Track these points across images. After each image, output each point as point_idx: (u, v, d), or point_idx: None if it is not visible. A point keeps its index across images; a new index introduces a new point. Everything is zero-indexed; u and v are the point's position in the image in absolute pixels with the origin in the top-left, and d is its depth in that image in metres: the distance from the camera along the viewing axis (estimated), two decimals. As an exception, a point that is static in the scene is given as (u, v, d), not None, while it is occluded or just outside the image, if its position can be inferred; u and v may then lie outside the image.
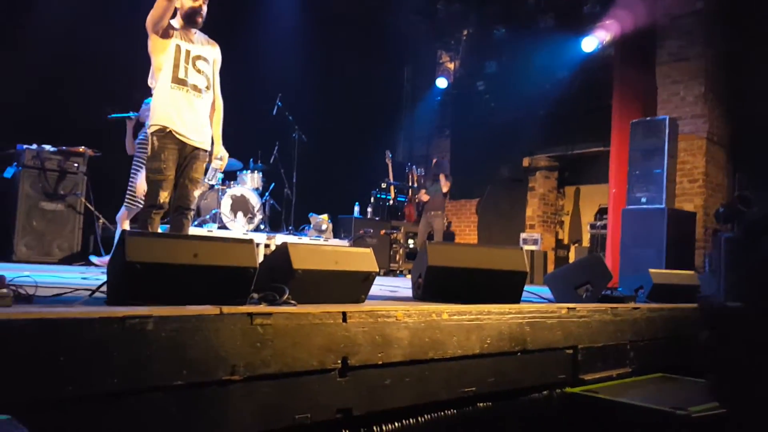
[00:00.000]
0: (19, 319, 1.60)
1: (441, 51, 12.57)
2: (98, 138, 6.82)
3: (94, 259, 6.04)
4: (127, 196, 5.81)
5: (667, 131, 7.07)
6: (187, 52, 3.96)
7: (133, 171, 5.85)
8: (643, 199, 7.15)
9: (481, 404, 2.99)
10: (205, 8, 4.00)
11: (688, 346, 4.45)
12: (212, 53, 4.18)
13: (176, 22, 3.97)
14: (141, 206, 5.12)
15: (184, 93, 3.95)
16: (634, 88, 8.83)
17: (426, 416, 2.74)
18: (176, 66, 3.91)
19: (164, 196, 3.80)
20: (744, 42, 8.17)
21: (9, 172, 6.55)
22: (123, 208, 5.83)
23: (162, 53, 3.88)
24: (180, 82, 3.93)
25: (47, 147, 6.55)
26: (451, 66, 12.32)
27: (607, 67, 9.41)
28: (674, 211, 7.07)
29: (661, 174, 7.03)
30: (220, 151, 4.34)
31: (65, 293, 2.37)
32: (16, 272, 3.09)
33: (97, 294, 2.34)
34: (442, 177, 9.15)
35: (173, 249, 2.22)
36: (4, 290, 1.89)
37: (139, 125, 5.98)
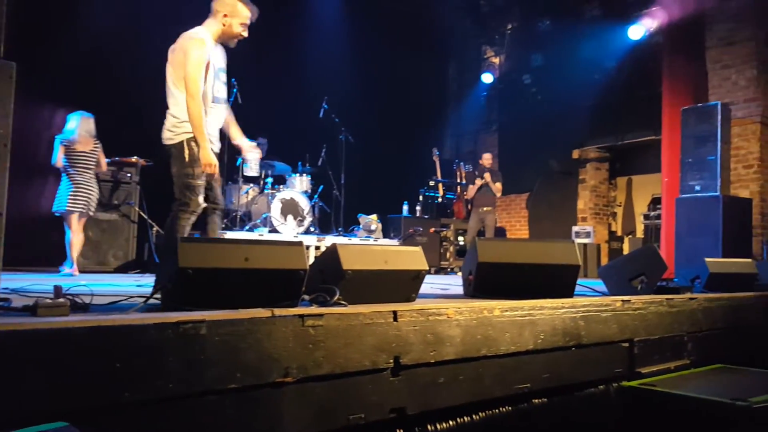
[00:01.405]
0: (75, 328, 1.62)
1: (485, 46, 12.41)
2: (149, 148, 6.96)
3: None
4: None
5: (719, 117, 6.81)
6: (214, 67, 3.75)
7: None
8: (697, 187, 6.91)
9: (537, 400, 2.92)
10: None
11: (748, 336, 4.27)
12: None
13: (209, 37, 3.71)
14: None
15: (219, 109, 3.84)
16: (684, 74, 8.54)
17: (480, 414, 2.68)
18: (210, 85, 3.74)
19: (201, 200, 3.72)
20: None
21: None
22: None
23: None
24: (215, 100, 3.79)
25: None
26: (496, 61, 12.15)
27: (655, 55, 9.12)
28: (729, 198, 6.80)
29: (714, 161, 6.78)
30: (246, 142, 4.13)
31: (120, 301, 2.40)
32: (73, 282, 3.16)
33: (152, 301, 2.36)
34: (488, 180, 8.95)
35: (224, 253, 2.23)
36: (61, 300, 1.92)
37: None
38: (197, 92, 3.59)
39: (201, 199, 3.65)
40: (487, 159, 9.29)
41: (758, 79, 7.91)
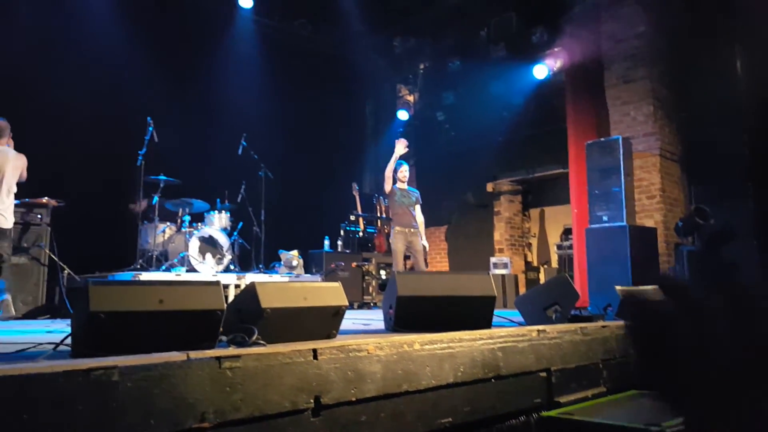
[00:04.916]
0: (-23, 380, 1.53)
1: (400, 85, 12.77)
2: (60, 187, 6.71)
3: None
4: None
5: (621, 150, 7.21)
6: None
7: None
8: (605, 218, 7.24)
9: (458, 434, 2.95)
10: None
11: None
12: None
13: None
14: None
15: None
16: (587, 110, 9.03)
17: (403, 450, 2.68)
18: None
19: None
20: (686, 59, 8.42)
21: None
22: None
23: None
24: None
25: None
26: (411, 98, 12.50)
27: (559, 92, 9.62)
28: (635, 228, 7.16)
29: (619, 192, 7.15)
30: None
31: (28, 348, 2.28)
32: (-23, 330, 2.98)
33: (62, 347, 2.26)
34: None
35: (138, 296, 2.16)
36: (-38, 351, 1.81)
37: None
38: None
39: None
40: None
41: (655, 115, 8.44)
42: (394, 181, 7.50)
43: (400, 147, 7.47)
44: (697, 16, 8.20)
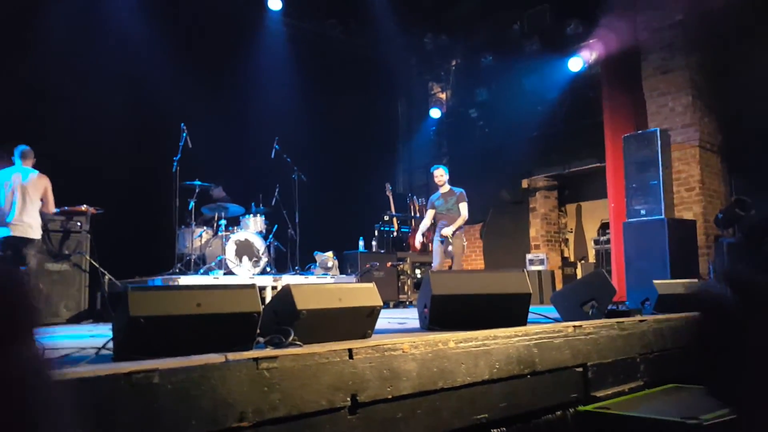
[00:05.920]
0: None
1: (432, 82, 12.76)
2: (99, 195, 6.93)
3: None
4: None
5: (659, 143, 7.10)
6: None
7: None
8: (642, 211, 7.15)
9: (495, 430, 2.96)
10: None
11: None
12: None
13: None
14: None
15: None
16: (623, 103, 8.91)
17: (440, 447, 2.71)
18: None
19: None
20: (726, 48, 8.23)
21: None
22: None
23: None
24: None
25: None
26: (443, 96, 12.48)
27: (595, 85, 9.51)
28: (674, 221, 7.05)
29: (657, 185, 7.04)
30: None
31: (72, 353, 2.38)
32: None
33: (104, 351, 2.35)
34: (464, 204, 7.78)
35: (176, 300, 2.24)
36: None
37: None
38: None
39: None
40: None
41: (694, 105, 8.27)
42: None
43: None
44: (738, 2, 8.00)
